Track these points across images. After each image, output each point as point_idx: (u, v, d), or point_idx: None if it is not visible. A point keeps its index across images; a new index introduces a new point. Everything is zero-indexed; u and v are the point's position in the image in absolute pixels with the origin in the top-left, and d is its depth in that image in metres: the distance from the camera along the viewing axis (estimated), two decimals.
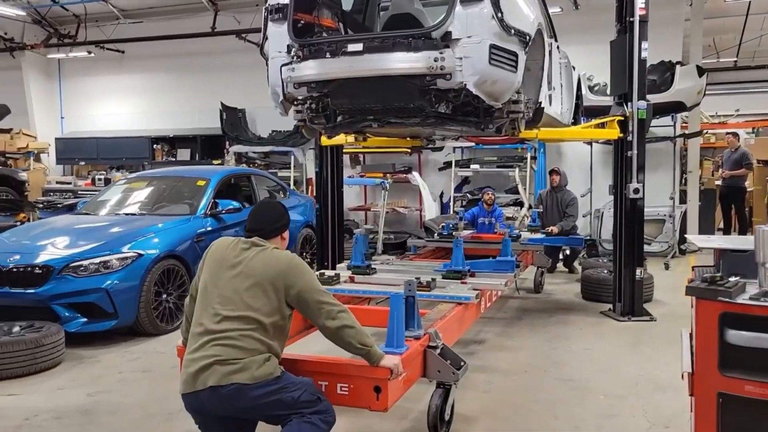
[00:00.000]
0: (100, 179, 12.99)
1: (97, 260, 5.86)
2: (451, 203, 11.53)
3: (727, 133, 12.79)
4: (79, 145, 14.53)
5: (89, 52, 14.51)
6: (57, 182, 14.11)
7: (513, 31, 4.56)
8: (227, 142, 13.36)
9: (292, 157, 12.74)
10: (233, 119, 13.27)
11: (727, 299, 2.17)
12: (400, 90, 4.63)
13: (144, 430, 4.07)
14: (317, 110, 5.26)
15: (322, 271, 5.14)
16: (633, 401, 4.49)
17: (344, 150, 11.59)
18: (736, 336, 2.17)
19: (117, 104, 15.06)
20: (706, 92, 10.64)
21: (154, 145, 14.10)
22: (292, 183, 12.40)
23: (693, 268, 3.06)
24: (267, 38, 5.08)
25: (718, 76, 18.30)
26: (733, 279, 2.32)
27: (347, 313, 2.98)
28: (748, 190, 13.54)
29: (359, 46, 4.55)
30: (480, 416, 4.21)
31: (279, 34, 4.89)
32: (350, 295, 4.85)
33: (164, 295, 6.21)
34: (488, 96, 4.60)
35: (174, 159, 14.08)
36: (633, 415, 4.25)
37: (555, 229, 8.53)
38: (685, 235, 4.98)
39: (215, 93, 13.25)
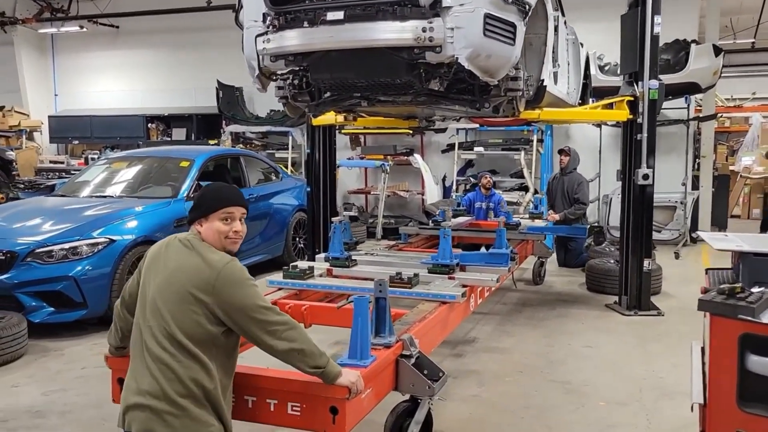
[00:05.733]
0: (93, 158, 12.63)
1: (66, 246, 5.51)
2: (454, 187, 11.08)
3: None
4: (73, 123, 14.10)
5: (81, 27, 14.06)
6: (50, 161, 13.77)
7: None
8: (224, 122, 12.93)
9: (290, 137, 12.28)
10: (230, 98, 12.81)
11: (750, 318, 1.75)
12: (385, 64, 4.19)
13: None
14: (300, 86, 4.84)
15: (295, 263, 4.72)
16: (636, 409, 4.10)
17: (344, 131, 11.29)
18: (760, 363, 1.75)
19: (111, 81, 14.63)
20: (722, 74, 10.07)
21: (149, 124, 13.63)
22: (289, 164, 11.97)
23: (707, 271, 2.63)
24: (242, 6, 4.65)
25: (735, 58, 17.60)
26: (756, 290, 1.90)
27: (295, 330, 2.47)
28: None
29: (340, 15, 4.10)
30: (464, 426, 3.83)
31: (254, 1, 4.44)
32: (324, 291, 4.42)
33: None
34: (482, 71, 4.15)
35: (169, 138, 13.64)
36: (635, 426, 3.87)
37: (556, 216, 7.98)
38: (698, 232, 4.54)
39: (212, 70, 12.78)
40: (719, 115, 13.85)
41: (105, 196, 6.82)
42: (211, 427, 2.37)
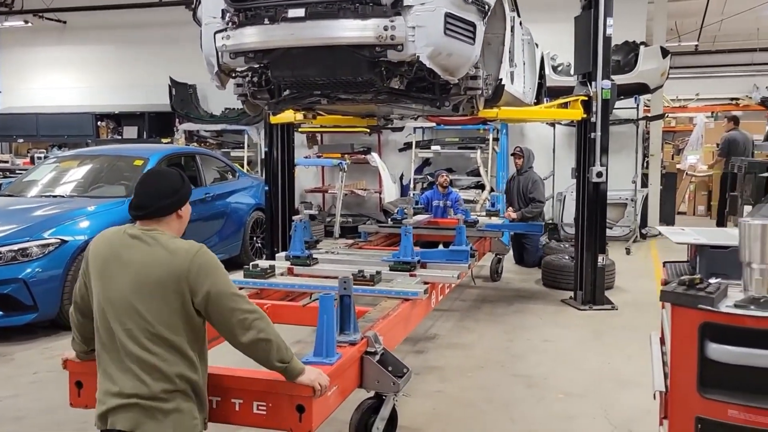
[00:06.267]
0: (40, 157, 12.23)
1: (15, 247, 5.33)
2: (411, 185, 11.14)
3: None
4: (18, 121, 13.53)
5: (26, 22, 13.59)
6: None
7: None
8: (177, 120, 12.69)
9: (246, 135, 12.14)
10: (183, 95, 12.57)
11: (709, 307, 1.83)
12: (347, 62, 4.21)
13: None
14: (260, 84, 4.81)
15: (256, 262, 4.68)
16: (594, 400, 4.20)
17: (300, 129, 11.22)
18: (719, 351, 1.82)
19: (59, 78, 14.14)
20: (668, 75, 10.42)
21: (99, 122, 13.22)
22: (245, 163, 11.82)
23: (664, 264, 2.73)
24: (200, 2, 4.59)
25: (679, 60, 18.22)
26: (714, 281, 1.98)
27: (263, 321, 2.47)
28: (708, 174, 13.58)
29: (301, 12, 4.08)
30: (428, 421, 3.86)
31: None
32: (286, 290, 4.40)
33: None
34: (443, 70, 4.21)
35: (120, 137, 13.29)
36: (594, 417, 3.97)
37: (513, 213, 8.06)
38: (658, 227, 4.66)
39: (164, 67, 12.53)
40: (666, 115, 14.30)
41: (55, 196, 6.62)
42: (195, 419, 2.38)
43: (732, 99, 17.62)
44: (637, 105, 10.39)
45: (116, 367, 2.34)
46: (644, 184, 10.85)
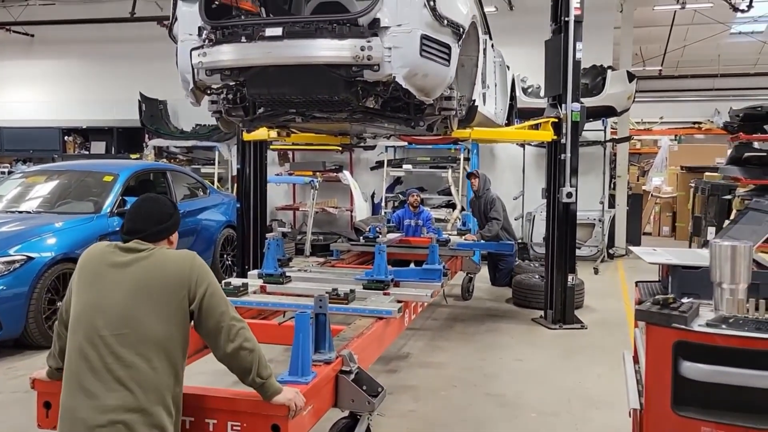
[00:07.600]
0: (4, 173, 11.98)
1: None
2: (383, 204, 11.18)
3: None
4: None
5: None
6: None
7: (446, 21, 4.24)
8: (146, 135, 12.57)
9: (217, 152, 12.09)
10: (153, 111, 12.47)
11: (683, 326, 1.87)
12: (323, 81, 4.22)
13: None
14: (234, 101, 4.80)
15: (228, 279, 4.63)
16: (566, 419, 4.24)
17: (272, 146, 11.19)
18: (692, 369, 1.86)
19: (25, 92, 13.89)
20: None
21: (66, 137, 13.07)
22: (216, 180, 11.75)
23: (637, 284, 2.79)
24: (177, 19, 4.57)
25: (644, 84, 18.73)
26: (686, 300, 2.03)
27: (248, 331, 2.50)
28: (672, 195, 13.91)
29: (278, 31, 4.10)
30: None
31: (189, 15, 4.39)
32: (259, 308, 4.36)
33: (59, 303, 5.56)
34: (419, 90, 4.26)
35: (88, 152, 13.13)
36: None
37: (473, 237, 7.89)
38: (631, 248, 4.72)
39: (134, 83, 12.43)
40: (632, 137, 14.65)
41: (21, 212, 6.49)
42: None
43: (694, 123, 18.13)
44: (605, 127, 10.64)
45: (99, 381, 2.28)
46: (611, 205, 11.07)
